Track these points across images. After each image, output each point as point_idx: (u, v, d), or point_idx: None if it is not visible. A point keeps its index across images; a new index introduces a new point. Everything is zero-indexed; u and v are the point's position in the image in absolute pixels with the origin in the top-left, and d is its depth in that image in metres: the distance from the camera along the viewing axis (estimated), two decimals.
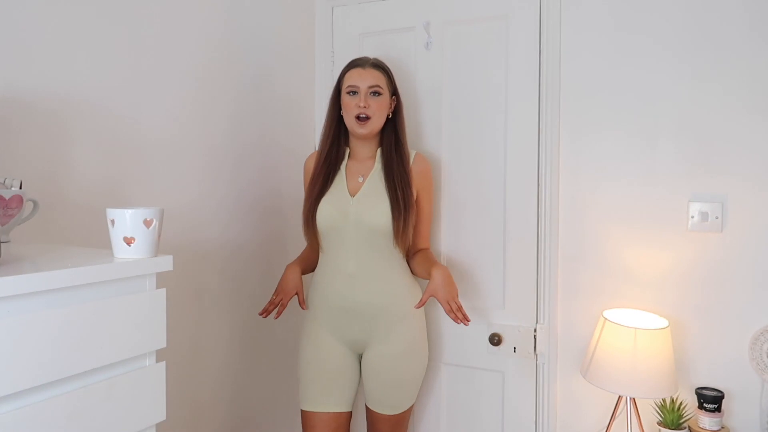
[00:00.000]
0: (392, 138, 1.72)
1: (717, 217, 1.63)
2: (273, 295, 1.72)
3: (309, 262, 1.79)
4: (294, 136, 2.09)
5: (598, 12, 1.77)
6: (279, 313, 1.71)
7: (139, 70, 1.53)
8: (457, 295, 1.64)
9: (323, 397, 1.67)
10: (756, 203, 1.60)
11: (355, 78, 1.68)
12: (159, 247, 0.98)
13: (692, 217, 1.66)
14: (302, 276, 1.74)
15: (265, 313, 1.70)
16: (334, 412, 1.68)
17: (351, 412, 1.74)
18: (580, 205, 1.81)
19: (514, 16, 1.88)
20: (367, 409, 1.75)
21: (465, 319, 1.63)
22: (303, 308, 1.73)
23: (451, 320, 1.65)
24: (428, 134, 2.01)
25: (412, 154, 1.76)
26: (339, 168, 1.71)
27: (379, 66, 1.72)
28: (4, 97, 1.24)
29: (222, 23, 1.80)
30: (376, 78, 1.68)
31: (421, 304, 1.64)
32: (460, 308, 1.62)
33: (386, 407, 1.70)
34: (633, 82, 1.74)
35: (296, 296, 1.72)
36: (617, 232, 1.76)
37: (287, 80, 2.08)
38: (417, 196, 1.73)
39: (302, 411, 1.71)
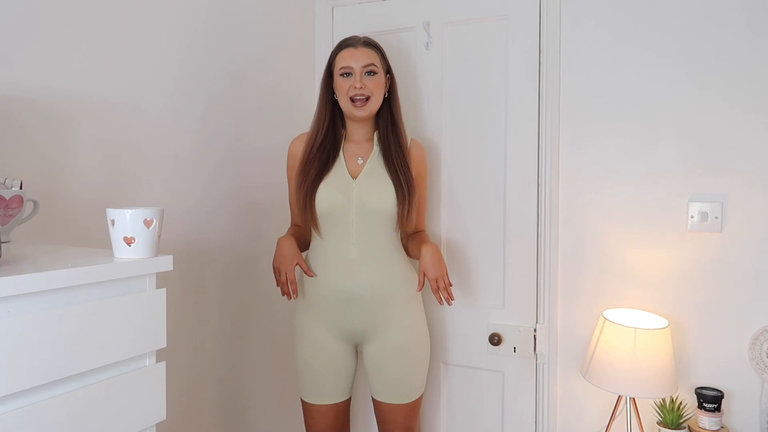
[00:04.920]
0: (388, 119, 1.68)
1: (717, 217, 1.63)
2: (275, 274, 1.61)
3: (300, 239, 1.70)
4: (294, 135, 2.08)
5: (598, 12, 1.77)
6: (296, 291, 1.59)
7: (140, 71, 1.54)
8: (447, 273, 1.62)
9: (322, 391, 1.68)
10: (756, 203, 1.60)
11: (348, 59, 1.61)
12: (159, 247, 0.98)
13: (692, 217, 1.66)
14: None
15: (287, 295, 1.60)
16: (333, 404, 1.69)
17: (350, 397, 1.74)
18: (580, 204, 1.81)
19: (514, 16, 1.88)
20: (376, 402, 1.71)
21: (449, 299, 1.60)
22: (310, 275, 1.60)
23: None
24: (428, 134, 2.01)
25: (408, 140, 1.72)
26: (338, 151, 1.66)
27: (371, 44, 1.66)
28: (4, 96, 1.24)
29: (222, 24, 1.80)
30: (370, 57, 1.62)
31: (421, 286, 1.61)
32: (446, 287, 1.60)
33: (397, 397, 1.66)
34: (633, 82, 1.74)
35: (298, 268, 1.61)
36: (617, 232, 1.76)
37: (287, 80, 2.08)
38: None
39: (302, 400, 1.72)
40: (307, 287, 1.67)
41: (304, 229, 1.72)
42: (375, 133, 1.69)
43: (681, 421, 1.61)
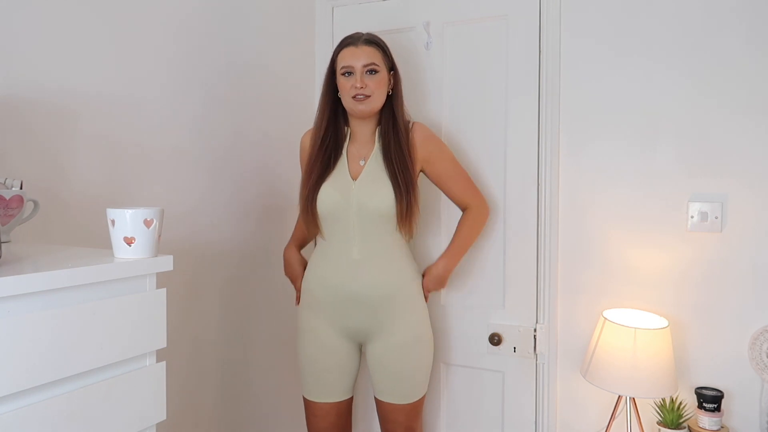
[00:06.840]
0: (389, 117, 1.65)
1: (717, 217, 1.63)
2: (293, 283, 1.80)
3: (303, 240, 1.82)
4: (294, 136, 2.08)
5: (597, 14, 1.77)
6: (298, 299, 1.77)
7: (140, 70, 1.54)
8: (442, 288, 1.80)
9: (324, 389, 1.68)
10: (756, 203, 1.60)
11: (349, 58, 1.59)
12: (159, 247, 0.98)
13: (692, 217, 1.66)
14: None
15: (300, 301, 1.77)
16: (335, 402, 1.69)
17: (352, 396, 1.75)
18: (580, 204, 1.81)
19: (514, 16, 1.88)
20: (379, 402, 1.70)
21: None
22: (297, 304, 1.75)
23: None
24: None
25: (410, 125, 1.69)
26: (341, 151, 1.65)
27: (372, 41, 1.63)
28: (4, 96, 1.24)
29: (222, 24, 1.80)
30: (370, 55, 1.59)
31: (427, 297, 1.74)
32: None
33: (399, 397, 1.66)
34: (633, 83, 1.73)
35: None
36: (617, 232, 1.77)
37: (288, 81, 2.09)
38: (428, 165, 1.69)
39: (304, 398, 1.72)
40: (311, 286, 1.67)
41: (306, 232, 1.73)
42: (377, 130, 1.67)
43: (681, 421, 1.61)
